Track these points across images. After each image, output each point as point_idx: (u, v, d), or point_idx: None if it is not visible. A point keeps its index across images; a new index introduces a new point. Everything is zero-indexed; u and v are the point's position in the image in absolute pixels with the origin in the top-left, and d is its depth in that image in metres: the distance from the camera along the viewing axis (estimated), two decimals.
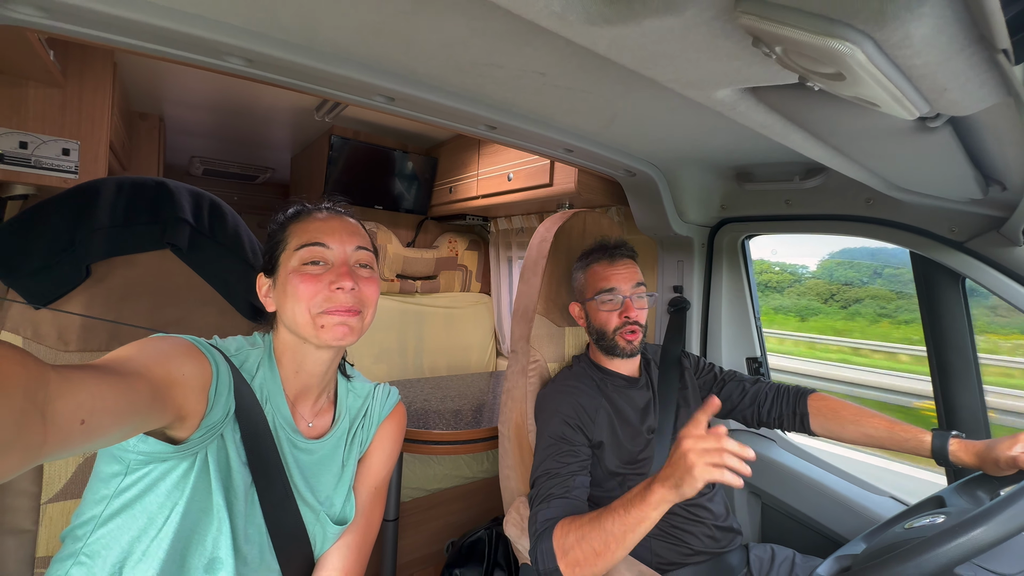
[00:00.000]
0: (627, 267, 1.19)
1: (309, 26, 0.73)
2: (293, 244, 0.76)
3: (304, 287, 0.73)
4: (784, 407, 1.19)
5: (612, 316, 1.17)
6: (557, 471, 1.01)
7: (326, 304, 0.73)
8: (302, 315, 0.73)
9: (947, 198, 1.03)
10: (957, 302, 1.15)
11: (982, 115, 0.57)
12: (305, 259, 0.74)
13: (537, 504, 0.98)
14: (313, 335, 0.73)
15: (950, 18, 0.32)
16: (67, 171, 1.44)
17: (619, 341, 1.16)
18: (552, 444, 1.06)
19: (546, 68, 0.82)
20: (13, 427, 0.36)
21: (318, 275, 0.74)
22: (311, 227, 0.77)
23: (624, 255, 1.21)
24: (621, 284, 1.16)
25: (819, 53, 0.39)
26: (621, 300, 1.16)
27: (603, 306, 1.17)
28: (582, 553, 0.85)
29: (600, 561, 0.83)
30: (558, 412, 1.11)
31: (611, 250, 1.21)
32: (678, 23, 0.48)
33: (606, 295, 1.16)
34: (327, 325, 0.73)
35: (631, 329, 1.15)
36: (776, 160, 1.29)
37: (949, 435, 0.95)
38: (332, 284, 0.73)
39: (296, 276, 0.73)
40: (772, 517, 1.45)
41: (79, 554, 0.63)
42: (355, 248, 0.78)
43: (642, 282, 1.19)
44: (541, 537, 0.92)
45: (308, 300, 0.72)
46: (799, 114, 0.71)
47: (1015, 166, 0.76)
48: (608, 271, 1.18)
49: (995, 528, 0.62)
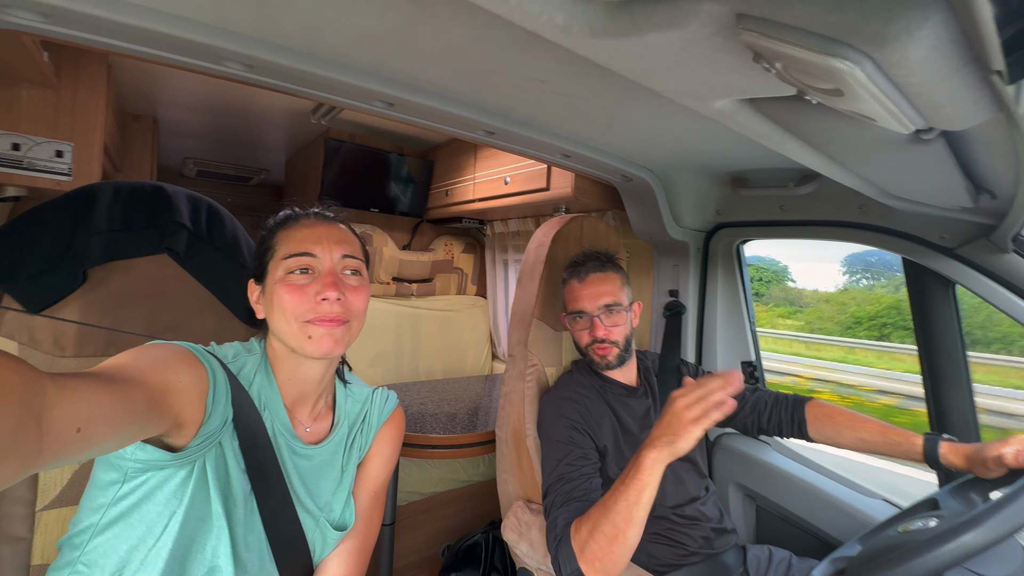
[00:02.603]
0: (594, 285, 1.19)
1: (311, 33, 0.73)
2: (281, 252, 0.75)
3: (289, 297, 0.72)
4: (783, 415, 1.21)
5: (583, 335, 1.22)
6: (572, 475, 1.01)
7: (311, 314, 0.72)
8: (288, 325, 0.72)
9: (938, 206, 1.05)
10: (948, 308, 1.17)
11: (974, 128, 0.58)
12: (291, 268, 0.74)
13: (556, 509, 0.97)
14: (300, 346, 0.73)
15: (947, 40, 0.33)
16: (60, 173, 1.42)
17: (593, 356, 1.21)
18: (563, 449, 1.06)
19: (546, 75, 0.83)
20: (9, 436, 0.36)
21: (304, 285, 0.73)
22: (298, 235, 0.76)
23: (591, 271, 1.21)
24: (587, 305, 1.19)
25: (819, 70, 0.39)
26: (589, 319, 1.19)
27: (574, 325, 1.23)
28: (597, 545, 0.85)
29: (616, 547, 0.83)
30: (565, 417, 1.11)
31: (578, 267, 1.23)
32: (680, 37, 0.49)
33: (575, 316, 1.22)
34: (314, 336, 0.72)
35: (603, 346, 1.18)
36: (771, 166, 1.31)
37: (940, 438, 0.97)
38: (317, 295, 0.72)
39: (282, 286, 0.73)
40: (767, 519, 1.46)
41: (76, 563, 0.62)
42: (342, 256, 0.76)
43: (612, 301, 1.18)
44: (561, 543, 0.91)
45: (294, 310, 0.72)
46: (796, 124, 0.73)
47: (1005, 176, 0.78)
48: (576, 291, 1.21)
49: (984, 533, 0.63)
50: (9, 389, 0.36)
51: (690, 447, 0.77)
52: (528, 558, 1.12)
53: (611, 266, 1.23)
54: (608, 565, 0.84)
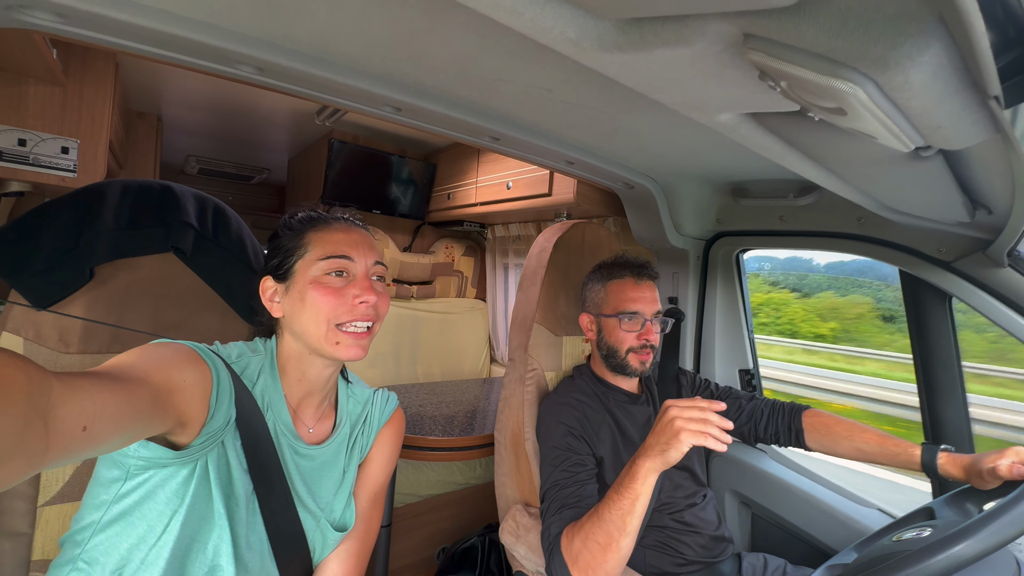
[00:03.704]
0: (651, 290, 1.19)
1: (322, 38, 0.75)
2: (315, 253, 0.75)
3: (326, 299, 0.73)
4: (780, 423, 1.22)
5: (630, 336, 1.17)
6: (566, 482, 1.02)
7: (346, 316, 0.73)
8: (319, 327, 0.73)
9: (936, 220, 1.06)
10: (944, 320, 1.18)
11: (972, 147, 0.60)
12: (328, 270, 0.74)
13: (550, 517, 0.98)
14: (325, 348, 0.74)
15: (947, 66, 0.34)
16: (66, 169, 1.43)
17: (631, 361, 1.17)
18: (559, 455, 1.07)
19: (553, 84, 0.84)
20: (16, 434, 0.36)
21: (340, 288, 0.74)
22: (335, 238, 0.77)
23: (649, 276, 1.21)
24: (645, 308, 1.17)
25: (822, 90, 0.41)
26: (643, 323, 1.16)
27: (623, 325, 1.17)
28: (590, 554, 0.85)
29: (608, 555, 0.83)
30: (563, 423, 1.11)
31: (638, 269, 1.21)
32: (688, 53, 0.50)
33: (625, 316, 1.16)
34: (342, 343, 0.73)
35: (646, 351, 1.16)
36: (771, 177, 1.33)
37: (938, 449, 0.98)
38: (356, 298, 0.74)
39: (318, 287, 0.73)
40: (762, 527, 1.47)
41: (77, 560, 0.62)
42: (374, 263, 0.78)
43: (660, 310, 1.19)
44: (554, 551, 0.91)
45: (330, 312, 0.73)
46: (797, 138, 0.74)
47: (1001, 193, 0.79)
48: (634, 292, 1.17)
49: (975, 544, 0.64)
50: (16, 388, 0.37)
51: (680, 456, 0.78)
52: (526, 561, 1.13)
53: (658, 279, 1.24)
54: (601, 575, 0.84)
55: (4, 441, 0.35)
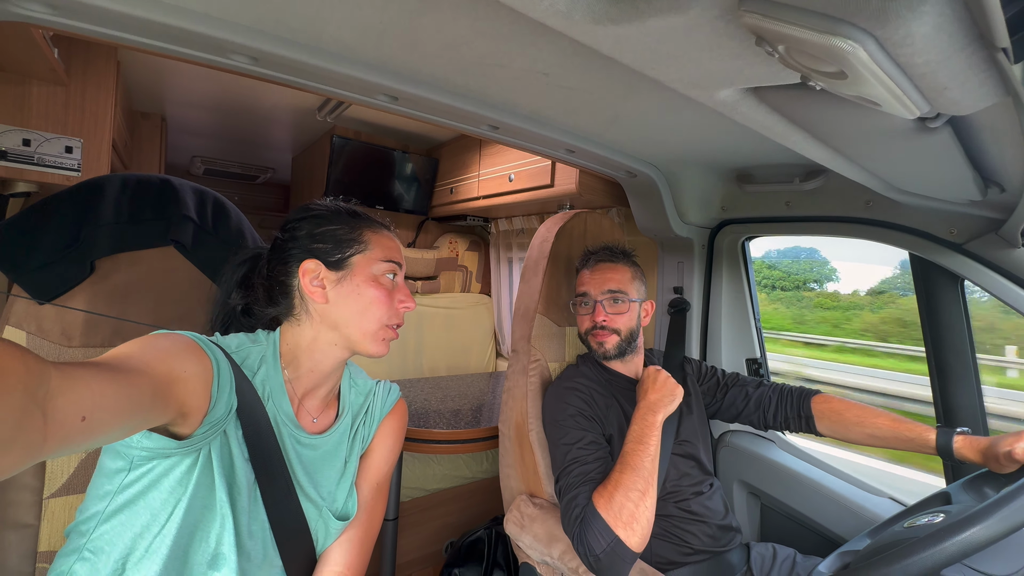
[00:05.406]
0: (601, 272, 1.20)
1: (315, 26, 0.74)
2: (377, 253, 0.80)
3: (384, 299, 0.78)
4: (789, 410, 1.20)
5: (584, 319, 1.22)
6: (586, 459, 1.02)
7: (394, 319, 0.80)
8: (371, 323, 0.77)
9: (946, 200, 1.03)
10: (956, 304, 1.15)
11: (981, 116, 0.58)
12: (386, 271, 0.80)
13: (573, 491, 0.97)
14: (366, 343, 0.78)
15: (950, 17, 0.33)
16: (70, 169, 1.44)
17: (591, 343, 1.22)
18: (574, 434, 1.07)
19: (549, 68, 0.83)
20: (14, 424, 0.36)
21: (392, 290, 0.80)
22: (390, 244, 0.83)
23: (601, 260, 1.22)
24: (591, 289, 1.20)
25: (821, 51, 0.39)
26: (592, 304, 1.19)
27: (579, 310, 1.24)
28: (633, 504, 0.88)
29: (647, 501, 0.89)
30: (571, 405, 1.11)
31: (590, 256, 1.25)
32: (682, 22, 0.48)
33: (579, 298, 1.23)
34: (387, 340, 0.80)
35: (603, 332, 1.18)
36: (776, 162, 1.30)
37: (954, 432, 0.96)
38: (401, 303, 0.80)
39: (376, 285, 0.78)
40: (771, 517, 1.45)
41: (83, 550, 0.63)
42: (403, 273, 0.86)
43: (617, 288, 1.18)
44: (587, 520, 0.91)
45: (385, 311, 0.78)
46: (800, 115, 0.72)
47: (1013, 167, 0.77)
48: (584, 277, 1.23)
49: (986, 530, 0.62)
50: (14, 378, 0.37)
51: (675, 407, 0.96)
52: (531, 550, 1.12)
53: (623, 259, 1.23)
54: (644, 525, 0.87)
55: (2, 431, 0.35)
